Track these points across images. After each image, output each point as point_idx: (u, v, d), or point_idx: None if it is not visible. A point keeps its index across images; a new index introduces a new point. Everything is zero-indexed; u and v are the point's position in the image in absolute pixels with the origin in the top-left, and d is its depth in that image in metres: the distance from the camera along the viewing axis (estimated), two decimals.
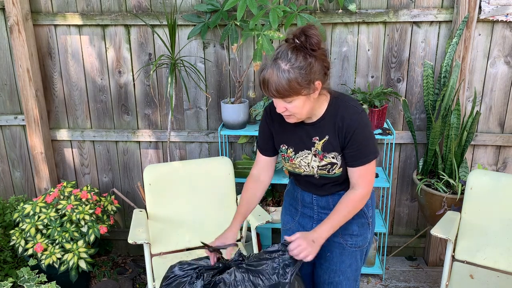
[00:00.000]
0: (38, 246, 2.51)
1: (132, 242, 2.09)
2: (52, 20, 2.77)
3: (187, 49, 2.79)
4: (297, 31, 1.54)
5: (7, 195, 3.18)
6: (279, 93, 1.52)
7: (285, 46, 1.54)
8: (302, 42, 1.51)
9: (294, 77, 1.50)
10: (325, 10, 2.65)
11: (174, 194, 2.47)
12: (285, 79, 1.50)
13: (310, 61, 1.52)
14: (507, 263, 2.25)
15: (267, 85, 1.53)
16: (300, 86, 1.51)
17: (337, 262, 1.82)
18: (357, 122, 1.61)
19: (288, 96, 1.53)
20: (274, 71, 1.51)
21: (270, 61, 1.56)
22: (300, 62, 1.51)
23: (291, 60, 1.50)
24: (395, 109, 2.83)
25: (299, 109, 1.58)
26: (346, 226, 1.75)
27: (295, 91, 1.52)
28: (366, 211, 1.80)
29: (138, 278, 2.95)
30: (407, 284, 2.86)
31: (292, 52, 1.51)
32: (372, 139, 1.66)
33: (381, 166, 2.94)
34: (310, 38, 1.51)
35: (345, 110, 1.63)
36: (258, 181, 1.88)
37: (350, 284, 1.85)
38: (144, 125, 2.98)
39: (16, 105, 2.99)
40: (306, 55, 1.51)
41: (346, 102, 1.66)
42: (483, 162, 2.86)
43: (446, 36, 2.66)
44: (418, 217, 3.06)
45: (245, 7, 2.33)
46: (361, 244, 1.81)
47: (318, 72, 1.55)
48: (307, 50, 1.52)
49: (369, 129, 1.64)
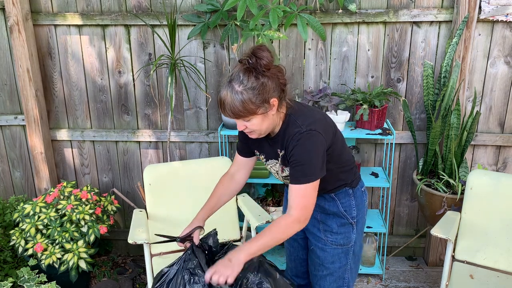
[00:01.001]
0: (38, 246, 2.51)
1: (132, 242, 2.09)
2: (52, 20, 2.77)
3: (187, 49, 2.79)
4: (248, 52, 1.57)
5: (7, 195, 3.18)
6: (235, 114, 1.56)
7: (239, 67, 1.57)
8: (253, 64, 1.54)
9: (247, 98, 1.53)
10: (325, 10, 2.65)
11: (174, 194, 2.47)
12: (238, 101, 1.53)
13: (262, 81, 1.54)
14: (507, 263, 2.25)
15: (223, 106, 1.57)
16: (254, 106, 1.54)
17: (320, 256, 1.87)
18: (296, 141, 1.59)
19: (244, 116, 1.57)
20: (228, 92, 1.54)
21: (225, 82, 1.59)
22: (252, 83, 1.53)
23: (243, 82, 1.53)
24: (395, 109, 2.83)
25: (258, 126, 1.61)
26: (326, 222, 1.82)
27: (250, 111, 1.55)
28: (345, 212, 1.81)
29: (138, 278, 2.95)
30: (407, 284, 2.86)
31: (244, 73, 1.54)
32: (309, 163, 1.59)
33: (381, 166, 2.94)
34: (260, 60, 1.53)
35: (291, 128, 1.63)
36: (233, 180, 1.94)
37: (334, 280, 1.89)
38: (144, 125, 2.98)
39: (16, 105, 2.99)
40: (258, 75, 1.54)
41: (295, 119, 1.64)
42: (483, 162, 2.86)
43: (446, 36, 2.66)
44: (418, 217, 3.06)
45: (245, 7, 2.33)
46: (343, 242, 1.83)
47: (272, 90, 1.56)
48: (258, 71, 1.54)
49: (309, 151, 1.59)
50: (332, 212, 1.81)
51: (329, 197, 1.80)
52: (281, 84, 1.60)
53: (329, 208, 1.81)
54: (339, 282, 1.90)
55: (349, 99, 2.66)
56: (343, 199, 1.81)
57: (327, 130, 1.66)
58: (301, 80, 2.81)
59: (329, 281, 1.89)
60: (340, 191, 1.80)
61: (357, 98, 2.65)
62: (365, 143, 2.91)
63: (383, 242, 2.95)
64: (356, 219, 1.83)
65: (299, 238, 2.00)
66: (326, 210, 1.82)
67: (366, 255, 2.86)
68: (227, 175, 1.96)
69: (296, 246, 2.04)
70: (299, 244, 2.03)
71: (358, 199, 1.84)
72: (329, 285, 1.90)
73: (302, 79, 2.81)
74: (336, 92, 2.76)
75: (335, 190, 1.79)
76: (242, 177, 1.95)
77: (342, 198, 1.81)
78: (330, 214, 1.83)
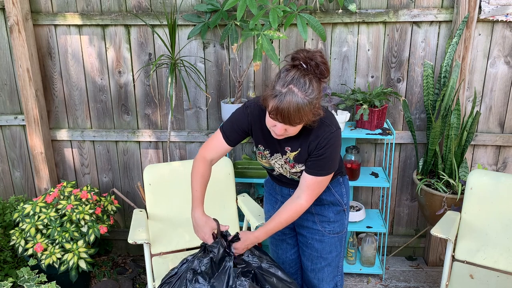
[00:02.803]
0: (38, 246, 2.51)
1: (132, 242, 2.09)
2: (52, 20, 2.77)
3: (187, 49, 2.79)
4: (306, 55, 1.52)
5: (7, 195, 3.18)
6: (293, 121, 1.52)
7: (298, 72, 1.51)
8: (314, 69, 1.51)
9: (309, 107, 1.50)
10: (325, 10, 2.65)
11: (174, 194, 2.47)
12: (302, 109, 1.49)
13: (320, 90, 1.54)
14: (507, 263, 2.25)
15: (281, 112, 1.50)
16: (311, 114, 1.55)
17: (318, 248, 1.92)
18: (327, 141, 1.65)
19: (299, 123, 1.55)
20: (293, 99, 1.48)
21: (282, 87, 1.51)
22: (315, 91, 1.50)
23: (308, 90, 1.49)
24: (395, 109, 2.83)
25: (298, 130, 1.61)
26: (323, 213, 1.87)
27: (307, 119, 1.55)
28: (341, 199, 1.89)
29: (138, 278, 2.95)
30: (407, 284, 2.86)
31: (308, 80, 1.50)
32: (334, 159, 1.70)
33: (381, 166, 2.94)
34: (320, 66, 1.51)
35: (321, 128, 1.66)
36: (209, 165, 1.84)
37: (332, 270, 1.96)
38: (144, 125, 2.98)
39: (16, 105, 2.99)
40: (319, 82, 1.53)
41: (324, 119, 1.66)
42: (483, 162, 2.86)
43: (446, 36, 2.66)
44: (418, 217, 3.06)
45: (245, 7, 2.33)
46: (339, 230, 1.91)
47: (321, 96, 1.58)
48: (318, 77, 1.53)
49: (336, 149, 1.69)
50: (329, 201, 1.87)
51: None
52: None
53: (326, 197, 1.87)
54: (335, 271, 1.97)
55: (349, 99, 2.66)
56: (336, 187, 1.88)
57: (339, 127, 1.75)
58: None
59: (327, 272, 1.95)
60: (334, 180, 1.87)
61: (357, 98, 2.65)
62: (365, 143, 2.91)
63: (383, 242, 2.95)
64: (346, 206, 1.93)
65: (288, 237, 2.03)
66: (323, 201, 1.87)
67: (366, 255, 2.86)
68: (204, 161, 1.83)
69: (284, 247, 2.06)
70: (288, 244, 2.05)
71: (347, 187, 1.94)
72: (327, 276, 1.96)
73: None
74: (336, 92, 2.76)
75: (331, 179, 1.84)
76: (214, 164, 1.87)
77: (335, 187, 1.88)
78: (325, 204, 1.88)
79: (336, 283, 2.01)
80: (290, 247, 2.05)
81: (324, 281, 1.96)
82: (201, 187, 1.80)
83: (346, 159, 2.68)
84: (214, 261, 1.69)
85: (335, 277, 1.98)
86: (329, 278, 1.96)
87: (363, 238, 2.89)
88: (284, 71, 1.54)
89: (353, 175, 2.70)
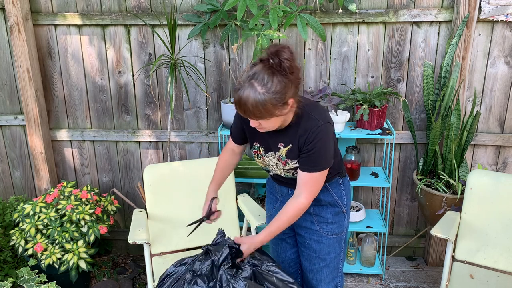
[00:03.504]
0: (38, 246, 2.51)
1: (132, 242, 2.09)
2: (52, 20, 2.77)
3: (187, 49, 2.79)
4: (271, 50, 1.55)
5: (7, 195, 3.18)
6: (254, 115, 1.57)
7: (260, 66, 1.55)
8: (277, 65, 1.53)
9: (269, 101, 1.53)
10: (325, 10, 2.65)
11: (174, 194, 2.47)
12: (260, 103, 1.52)
13: (285, 84, 1.54)
14: (507, 263, 2.25)
15: (242, 106, 1.55)
16: (275, 109, 1.56)
17: (316, 249, 1.92)
18: (315, 134, 1.66)
19: (263, 118, 1.58)
20: (250, 93, 1.52)
21: (245, 80, 1.55)
22: (275, 86, 1.52)
23: (267, 84, 1.52)
24: (395, 109, 2.83)
25: (273, 124, 1.64)
26: (321, 214, 1.87)
27: (269, 113, 1.57)
28: (339, 201, 1.88)
29: (138, 278, 2.95)
30: (407, 284, 2.86)
31: (268, 75, 1.53)
32: (325, 153, 1.69)
33: (381, 166, 2.94)
34: (283, 62, 1.53)
35: (307, 121, 1.68)
36: (234, 153, 2.00)
37: (330, 271, 1.95)
38: (144, 125, 2.98)
39: (16, 105, 2.99)
40: (282, 78, 1.54)
41: (310, 113, 1.69)
42: (483, 162, 2.86)
43: (446, 36, 2.66)
44: (418, 217, 3.06)
45: (245, 7, 2.33)
46: (337, 231, 1.90)
47: (291, 91, 1.58)
48: (282, 73, 1.54)
49: (326, 142, 1.68)
50: (327, 202, 1.87)
51: (324, 187, 1.84)
52: (298, 84, 1.63)
53: (324, 198, 1.86)
54: (334, 272, 1.96)
55: (349, 99, 2.66)
56: (335, 188, 1.88)
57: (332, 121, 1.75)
58: (301, 80, 2.81)
59: (326, 273, 1.94)
60: (332, 181, 1.87)
61: (357, 98, 2.65)
62: (365, 143, 2.91)
63: (383, 242, 2.95)
64: (346, 207, 1.92)
65: (287, 237, 2.04)
66: (321, 201, 1.87)
67: (366, 255, 2.86)
68: (227, 151, 2.01)
69: (284, 247, 2.06)
70: (287, 244, 2.05)
71: (347, 188, 1.93)
72: (326, 277, 1.95)
73: (302, 79, 2.81)
74: (336, 92, 2.76)
75: (329, 180, 1.84)
76: (241, 150, 2.01)
77: (334, 188, 1.88)
78: (324, 205, 1.88)
79: (336, 284, 2.00)
80: (289, 246, 2.05)
81: (322, 282, 1.96)
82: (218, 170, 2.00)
83: (346, 159, 2.68)
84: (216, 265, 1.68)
85: (334, 279, 1.98)
86: (328, 280, 1.96)
87: (363, 238, 2.90)
88: (252, 65, 1.58)
89: (353, 175, 2.70)
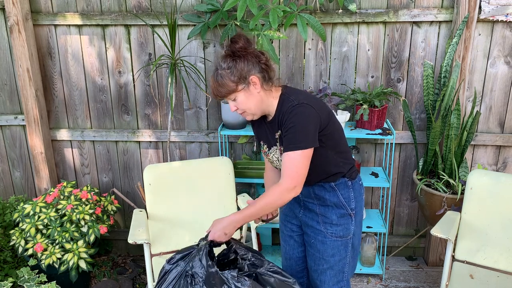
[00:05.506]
0: (38, 246, 2.51)
1: (132, 242, 2.09)
2: (52, 20, 2.77)
3: (187, 49, 2.79)
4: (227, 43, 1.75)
5: (7, 195, 3.18)
6: (219, 93, 1.74)
7: (221, 56, 1.77)
8: (230, 48, 1.75)
9: (225, 76, 1.70)
10: (325, 10, 2.65)
11: (174, 194, 2.47)
12: (219, 81, 1.72)
13: (237, 60, 1.70)
14: (507, 263, 2.25)
15: (212, 90, 1.77)
16: (232, 83, 1.70)
17: (320, 249, 1.90)
18: (288, 114, 1.69)
19: (227, 94, 1.73)
20: (213, 78, 1.75)
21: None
22: (228, 64, 1.72)
23: (222, 65, 1.73)
24: (395, 109, 2.83)
25: (245, 104, 1.73)
26: (326, 214, 1.87)
27: (230, 89, 1.71)
28: (345, 202, 1.86)
29: (138, 278, 2.95)
30: (407, 284, 2.87)
31: (223, 58, 1.75)
32: (301, 132, 1.67)
33: (381, 166, 2.94)
34: (235, 44, 1.74)
35: (285, 104, 1.73)
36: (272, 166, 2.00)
37: (334, 274, 1.93)
38: (144, 125, 2.98)
39: (16, 105, 2.99)
40: (234, 57, 1.72)
41: (289, 97, 1.74)
42: (483, 162, 2.86)
43: (446, 36, 2.66)
44: (418, 217, 3.06)
45: (245, 7, 2.33)
46: (343, 234, 1.88)
47: (250, 68, 1.70)
48: (235, 53, 1.72)
49: (302, 121, 1.67)
50: (332, 202, 1.85)
51: (329, 187, 1.83)
52: (262, 63, 1.73)
53: (330, 198, 1.85)
54: (339, 276, 1.94)
55: (349, 99, 2.66)
56: (342, 190, 1.85)
57: (321, 108, 1.73)
58: (301, 80, 2.81)
59: (330, 275, 1.93)
60: (340, 181, 1.84)
61: (357, 98, 2.65)
62: (365, 143, 2.91)
63: (383, 242, 2.95)
64: (354, 211, 1.88)
65: (295, 235, 2.03)
66: (326, 201, 1.85)
67: (366, 255, 2.86)
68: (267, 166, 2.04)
69: (292, 244, 2.06)
70: (295, 242, 2.05)
71: (357, 192, 1.89)
72: (330, 279, 1.93)
73: (302, 79, 2.81)
74: (336, 92, 2.76)
75: (335, 179, 1.83)
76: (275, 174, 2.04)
77: (342, 189, 1.85)
78: (329, 206, 1.86)
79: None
80: (297, 244, 2.05)
81: (326, 284, 1.94)
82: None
83: None
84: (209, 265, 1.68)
85: (339, 282, 1.95)
86: (332, 282, 1.93)
87: (363, 238, 2.89)
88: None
89: None
